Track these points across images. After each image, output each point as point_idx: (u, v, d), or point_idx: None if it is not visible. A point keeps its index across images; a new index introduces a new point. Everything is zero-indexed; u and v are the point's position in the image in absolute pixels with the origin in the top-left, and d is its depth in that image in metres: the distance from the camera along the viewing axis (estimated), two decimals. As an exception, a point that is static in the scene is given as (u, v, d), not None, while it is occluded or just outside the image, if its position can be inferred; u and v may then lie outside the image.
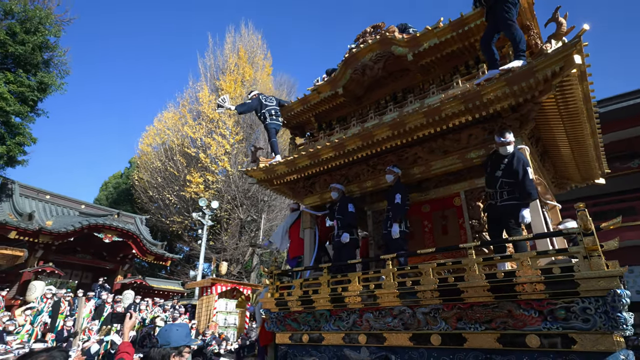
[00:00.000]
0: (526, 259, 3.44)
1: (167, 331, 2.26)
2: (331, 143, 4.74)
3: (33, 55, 18.57)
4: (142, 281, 19.17)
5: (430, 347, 3.79)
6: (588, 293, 3.15)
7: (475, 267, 3.64)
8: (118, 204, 25.93)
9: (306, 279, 4.66)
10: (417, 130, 4.24)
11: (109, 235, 17.94)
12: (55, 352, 2.16)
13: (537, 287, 3.33)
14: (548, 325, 3.28)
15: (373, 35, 5.14)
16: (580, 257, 3.25)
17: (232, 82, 21.03)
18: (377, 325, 4.08)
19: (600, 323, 3.06)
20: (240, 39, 23.19)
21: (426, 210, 4.96)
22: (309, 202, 5.58)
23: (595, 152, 4.74)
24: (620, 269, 3.06)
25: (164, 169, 20.79)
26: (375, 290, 4.08)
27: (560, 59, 3.47)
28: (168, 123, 21.66)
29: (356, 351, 4.17)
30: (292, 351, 4.56)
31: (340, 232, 4.80)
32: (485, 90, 3.82)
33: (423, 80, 5.11)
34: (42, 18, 18.86)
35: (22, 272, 15.29)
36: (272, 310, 4.75)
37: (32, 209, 16.86)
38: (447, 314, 3.74)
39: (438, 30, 4.57)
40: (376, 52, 4.99)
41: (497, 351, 3.48)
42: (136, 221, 21.24)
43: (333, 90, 5.32)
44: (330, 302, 4.33)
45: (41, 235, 15.73)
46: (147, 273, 21.87)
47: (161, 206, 21.48)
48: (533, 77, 3.61)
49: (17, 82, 17.59)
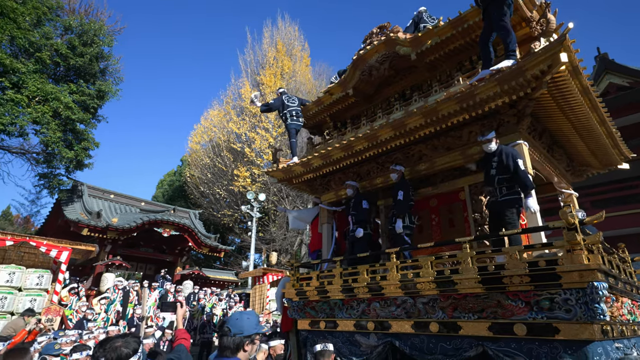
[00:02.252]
0: (515, 253, 3.76)
1: (238, 320, 2.35)
2: (340, 145, 5.25)
3: (91, 65, 20.79)
4: (199, 272, 21.06)
5: (429, 334, 4.24)
6: (570, 285, 3.41)
7: (469, 260, 4.02)
8: (173, 200, 28.43)
9: (322, 271, 5.29)
10: (417, 130, 4.62)
11: (167, 230, 19.90)
12: (129, 338, 2.43)
13: (523, 279, 3.65)
14: (534, 315, 3.59)
15: (379, 36, 5.51)
16: (564, 250, 3.52)
17: (271, 76, 21.98)
18: (383, 313, 4.61)
19: (581, 313, 3.33)
20: (277, 32, 24.09)
21: (434, 204, 5.32)
22: (325, 198, 6.14)
23: (609, 139, 4.76)
24: (598, 263, 3.29)
25: (213, 165, 22.46)
26: (381, 281, 4.59)
27: (548, 57, 3.67)
28: (214, 121, 23.26)
29: (366, 337, 4.73)
30: (311, 336, 5.23)
31: (354, 227, 5.32)
32: (478, 90, 4.10)
33: (430, 77, 5.40)
34: (96, 30, 21.00)
35: (95, 265, 17.59)
36: (293, 300, 5.45)
37: (99, 208, 19.18)
38: (444, 304, 4.16)
39: (438, 29, 4.86)
40: (382, 53, 5.37)
41: (488, 339, 3.85)
42: (190, 216, 23.20)
43: (344, 91, 5.80)
44: (342, 292, 4.91)
45: (109, 232, 17.89)
46: (203, 264, 23.94)
47: (212, 200, 23.27)
48: (522, 76, 3.83)
49: (79, 92, 19.79)
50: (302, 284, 5.41)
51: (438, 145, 4.83)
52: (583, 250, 3.41)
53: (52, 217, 19.89)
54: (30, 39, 17.72)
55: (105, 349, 2.30)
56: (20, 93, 16.79)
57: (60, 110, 17.82)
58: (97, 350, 2.28)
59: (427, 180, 5.31)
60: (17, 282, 9.95)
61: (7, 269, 9.91)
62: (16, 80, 16.86)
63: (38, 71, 18.31)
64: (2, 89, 17.00)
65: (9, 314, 9.19)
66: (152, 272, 20.51)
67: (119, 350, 2.25)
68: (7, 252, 10.69)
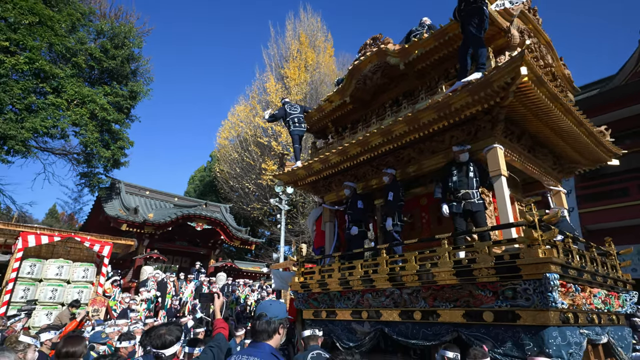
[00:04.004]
0: (484, 248, 4.31)
1: (272, 305, 2.50)
2: (336, 150, 5.88)
3: (123, 67, 22.29)
4: (231, 264, 22.33)
5: (414, 322, 4.86)
6: (529, 276, 3.93)
7: (446, 255, 4.60)
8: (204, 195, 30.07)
9: (322, 266, 6.02)
10: (403, 136, 5.18)
11: (200, 224, 21.23)
12: (172, 326, 2.67)
13: (490, 272, 4.20)
14: (499, 304, 4.14)
15: (372, 47, 6.06)
16: (525, 246, 4.03)
17: (295, 69, 22.69)
18: (374, 303, 5.27)
19: (537, 301, 3.85)
20: (300, 24, 24.68)
21: (424, 203, 5.87)
22: (328, 198, 6.81)
23: (590, 139, 5.10)
24: (551, 257, 3.80)
25: (241, 159, 23.63)
26: (372, 275, 5.26)
27: (510, 70, 4.13)
28: (240, 116, 24.36)
29: (360, 325, 5.42)
30: (314, 325, 5.97)
31: (350, 225, 5.99)
32: (453, 100, 4.61)
33: (421, 84, 5.89)
34: (126, 33, 22.43)
35: (135, 259, 19.15)
36: (298, 292, 6.22)
37: (136, 204, 20.79)
38: (425, 294, 4.77)
39: (423, 41, 5.36)
40: (374, 63, 5.93)
41: (463, 325, 4.42)
42: (221, 210, 24.55)
43: (342, 99, 6.42)
44: (340, 285, 5.60)
45: (146, 227, 19.35)
46: (235, 257, 25.35)
47: (241, 194, 24.51)
48: (490, 87, 4.31)
49: (113, 93, 21.28)
50: (306, 278, 6.18)
51: (424, 149, 5.38)
52: (540, 245, 3.91)
53: (93, 213, 21.74)
54: (66, 44, 19.25)
55: (151, 336, 2.59)
56: (60, 97, 18.36)
57: (96, 112, 19.27)
58: (145, 338, 2.83)
59: (418, 180, 5.85)
60: (65, 275, 11.27)
61: (57, 262, 11.25)
62: (56, 85, 18.40)
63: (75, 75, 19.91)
64: (44, 94, 18.68)
65: (60, 304, 10.46)
66: (187, 264, 22.00)
67: (163, 338, 2.54)
68: (56, 247, 11.98)
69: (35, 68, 17.42)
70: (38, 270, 10.78)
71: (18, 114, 17.10)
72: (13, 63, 16.64)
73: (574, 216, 11.64)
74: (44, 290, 10.62)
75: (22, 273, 10.37)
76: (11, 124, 16.18)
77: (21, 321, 6.87)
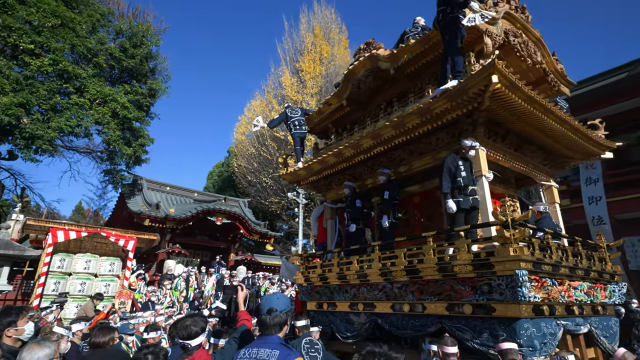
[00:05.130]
0: (463, 246, 4.70)
1: (279, 299, 2.56)
2: (333, 152, 6.34)
3: (141, 66, 23.16)
4: (251, 257, 23.10)
5: (403, 313, 5.29)
6: (502, 272, 4.29)
7: (431, 252, 5.01)
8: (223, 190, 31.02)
9: (324, 261, 6.53)
10: (392, 139, 5.59)
11: (220, 218, 22.03)
12: (197, 317, 2.80)
13: (469, 268, 4.59)
14: (477, 297, 4.53)
15: (366, 51, 6.44)
16: (499, 244, 4.40)
17: (310, 62, 23.05)
18: (369, 296, 5.74)
19: (509, 296, 4.22)
20: (314, 16, 24.92)
21: (417, 201, 6.26)
22: (329, 197, 7.28)
23: (577, 135, 5.35)
24: (520, 255, 4.16)
25: (258, 154, 24.31)
26: (366, 270, 5.72)
27: (483, 79, 4.45)
28: (257, 111, 24.96)
29: (357, 316, 5.91)
30: (317, 316, 6.50)
31: (349, 223, 6.46)
32: (433, 105, 4.96)
33: (413, 86, 6.24)
34: (144, 32, 23.24)
35: (158, 253, 20.17)
36: (302, 285, 6.78)
37: (157, 200, 21.73)
38: (413, 288, 5.20)
39: (410, 47, 5.71)
40: (367, 68, 6.30)
41: (446, 317, 4.83)
42: (240, 204, 25.36)
43: (339, 102, 6.84)
44: (338, 279, 6.10)
45: (167, 222, 20.24)
46: (254, 250, 26.22)
47: (259, 189, 25.25)
48: (466, 94, 4.65)
49: (133, 92, 22.13)
50: (309, 272, 6.71)
51: (413, 150, 5.75)
52: (512, 243, 4.27)
53: (117, 209, 22.90)
54: (87, 45, 20.15)
55: (177, 327, 2.72)
56: (83, 97, 19.31)
57: (117, 110, 20.15)
58: (172, 330, 3.17)
59: (411, 179, 6.24)
60: (93, 269, 12.19)
61: (84, 257, 12.17)
62: (78, 85, 19.32)
63: (96, 75, 20.86)
64: (67, 94, 19.70)
65: (88, 297, 11.39)
66: (208, 258, 22.91)
67: (189, 329, 2.67)
68: (83, 242, 12.89)
69: (59, 69, 18.31)
70: (67, 264, 11.70)
71: (44, 114, 18.11)
72: (38, 65, 17.63)
73: (602, 205, 11.51)
74: (73, 284, 11.55)
75: (52, 267, 11.30)
76: (38, 124, 17.20)
77: (54, 313, 7.58)
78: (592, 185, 11.89)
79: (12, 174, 21.08)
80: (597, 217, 11.52)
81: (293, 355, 2.24)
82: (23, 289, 12.57)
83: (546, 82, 6.16)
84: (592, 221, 11.56)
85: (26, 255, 11.63)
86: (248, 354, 2.33)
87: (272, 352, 2.25)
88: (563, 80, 6.34)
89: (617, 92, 11.47)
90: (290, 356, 2.23)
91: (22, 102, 16.43)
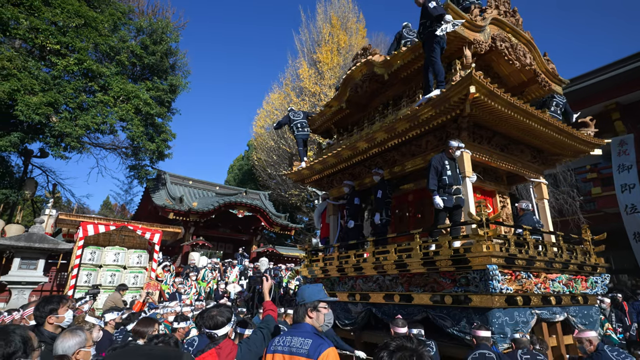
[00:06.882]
0: (445, 242, 5.26)
1: (309, 288, 2.73)
2: (332, 153, 6.97)
3: (162, 62, 24.12)
4: (272, 249, 23.97)
5: (394, 303, 5.90)
6: (477, 267, 4.83)
7: (417, 248, 5.59)
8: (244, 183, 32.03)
9: (325, 255, 7.21)
10: (384, 142, 6.15)
11: (241, 211, 22.93)
12: (222, 308, 2.88)
13: (449, 262, 5.15)
14: (456, 289, 5.10)
15: (363, 57, 6.98)
16: (475, 241, 4.94)
17: (328, 53, 23.40)
18: (364, 287, 6.38)
19: (483, 288, 4.77)
20: (330, 6, 25.09)
21: (411, 199, 6.81)
22: (332, 194, 7.91)
23: (561, 135, 5.76)
24: (491, 251, 4.68)
25: (277, 147, 24.99)
26: (362, 263, 6.35)
27: (462, 89, 4.94)
28: (275, 104, 25.60)
29: (355, 305, 6.57)
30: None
31: (347, 219, 7.09)
32: (420, 112, 5.49)
33: (407, 89, 6.75)
34: (163, 28, 24.15)
35: (182, 246, 21.23)
36: (306, 277, 7.49)
37: (181, 194, 22.84)
38: (402, 280, 5.80)
39: (401, 54, 6.21)
40: (364, 73, 6.85)
41: (430, 307, 5.42)
42: (261, 197, 26.18)
43: (339, 105, 7.43)
44: (338, 272, 6.77)
45: (191, 215, 21.23)
46: (275, 242, 27.14)
47: (279, 182, 25.99)
48: (448, 102, 5.14)
49: (155, 88, 23.09)
50: (312, 265, 7.41)
51: (405, 152, 6.30)
52: (485, 241, 4.80)
53: (143, 203, 24.19)
54: (110, 43, 21.13)
55: (204, 317, 2.81)
56: (107, 94, 20.39)
57: (140, 107, 21.06)
58: (199, 320, 3.42)
59: (405, 178, 6.79)
60: (121, 261, 13.20)
61: (113, 250, 13.22)
62: (103, 83, 20.34)
63: (119, 73, 21.88)
64: (93, 92, 20.89)
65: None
66: (230, 250, 23.92)
67: (215, 319, 2.76)
68: (112, 235, 13.96)
69: (84, 68, 19.35)
70: (98, 257, 12.76)
71: (72, 112, 19.28)
72: (64, 65, 18.76)
73: (636, 193, 11.45)
74: (104, 275, 12.58)
75: (84, 259, 12.38)
76: (66, 122, 18.36)
77: (88, 303, 8.51)
78: (625, 172, 11.85)
79: (44, 171, 22.56)
80: (631, 205, 11.47)
81: (325, 345, 2.29)
82: (58, 280, 13.82)
83: (537, 83, 6.54)
84: (625, 209, 11.51)
85: (60, 249, 12.68)
86: (282, 342, 2.41)
87: (304, 341, 2.32)
88: (555, 79, 6.69)
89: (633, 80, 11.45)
90: (323, 346, 2.28)
91: (50, 101, 17.53)
